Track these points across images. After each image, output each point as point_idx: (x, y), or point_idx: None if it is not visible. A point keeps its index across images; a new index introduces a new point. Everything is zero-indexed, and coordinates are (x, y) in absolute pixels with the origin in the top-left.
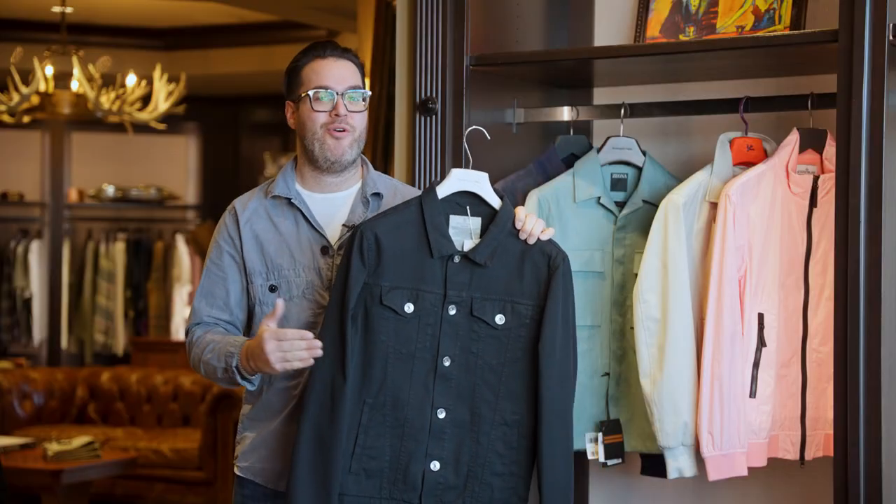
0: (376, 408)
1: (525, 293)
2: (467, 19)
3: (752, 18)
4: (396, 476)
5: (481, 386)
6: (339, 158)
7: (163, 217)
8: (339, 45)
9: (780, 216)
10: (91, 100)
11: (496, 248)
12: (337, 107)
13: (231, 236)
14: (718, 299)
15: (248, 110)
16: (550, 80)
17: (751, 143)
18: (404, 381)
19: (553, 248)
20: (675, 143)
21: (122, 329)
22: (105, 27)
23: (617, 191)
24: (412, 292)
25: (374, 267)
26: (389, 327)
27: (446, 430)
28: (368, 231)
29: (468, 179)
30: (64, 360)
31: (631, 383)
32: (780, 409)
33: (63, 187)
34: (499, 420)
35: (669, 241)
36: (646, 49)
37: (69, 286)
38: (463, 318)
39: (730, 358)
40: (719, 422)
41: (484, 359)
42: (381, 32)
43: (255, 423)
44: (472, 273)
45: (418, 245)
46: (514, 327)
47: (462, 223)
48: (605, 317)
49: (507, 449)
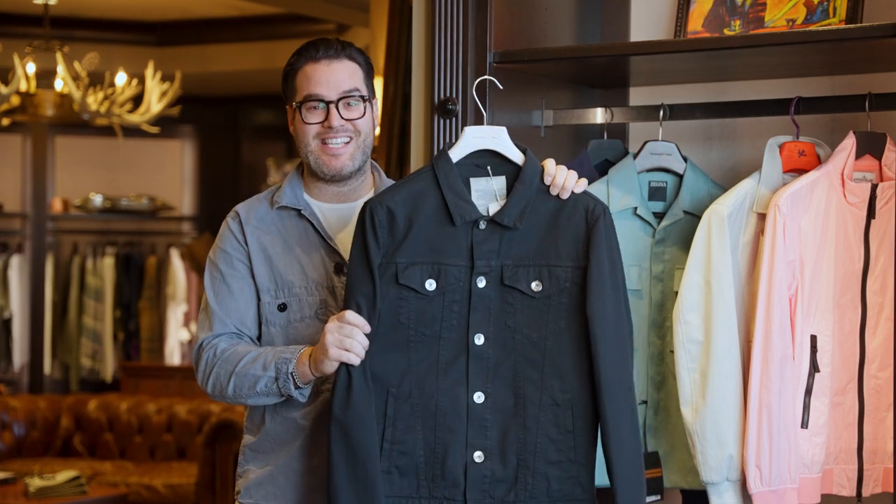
0: (401, 398)
1: (562, 255)
2: (491, 12)
3: (804, 11)
4: (434, 472)
5: (523, 364)
6: (337, 172)
7: (156, 230)
8: (337, 43)
9: (834, 228)
10: (77, 100)
11: (525, 208)
12: (330, 118)
13: (240, 243)
14: (767, 320)
15: (249, 112)
16: (582, 79)
17: (802, 147)
18: (431, 365)
19: (590, 199)
20: (718, 148)
21: (111, 353)
22: (92, 21)
23: (655, 200)
24: (433, 267)
25: (388, 245)
26: (410, 308)
27: (487, 416)
28: (378, 206)
29: (485, 136)
30: (47, 386)
31: (671, 412)
32: (835, 441)
33: (46, 197)
34: (547, 401)
35: (713, 255)
36: (687, 45)
37: (53, 305)
38: (494, 290)
39: (779, 384)
40: (768, 455)
41: (523, 333)
42: (396, 27)
43: (259, 456)
44: (501, 238)
45: (436, 215)
46: (553, 294)
47: (485, 185)
48: (643, 339)
49: (561, 433)
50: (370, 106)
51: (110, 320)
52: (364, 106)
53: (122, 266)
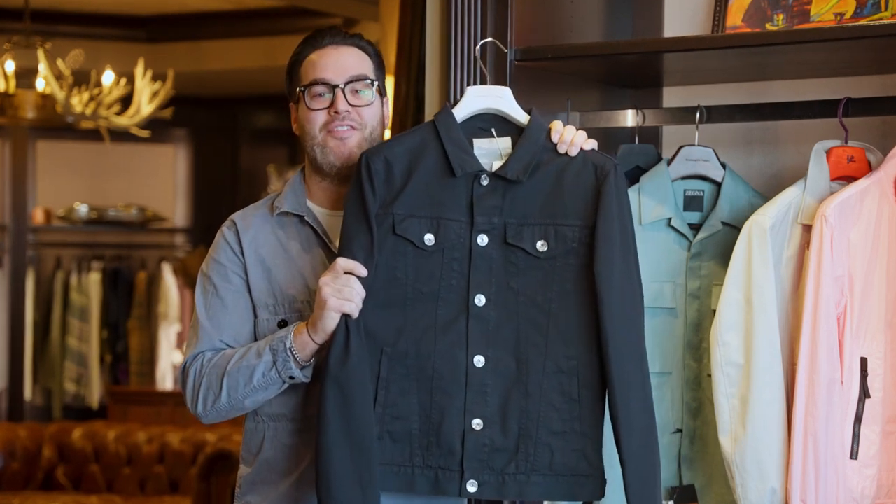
0: (396, 358)
1: (569, 212)
2: (511, 5)
3: (854, 4)
4: (429, 439)
5: (526, 327)
6: (345, 161)
7: (146, 242)
8: (343, 31)
9: (886, 241)
10: (60, 101)
11: (531, 163)
12: (336, 102)
13: (236, 255)
14: (813, 341)
15: (248, 114)
16: (611, 78)
17: (851, 153)
18: (428, 325)
19: (598, 156)
20: (760, 153)
21: (98, 377)
22: (77, 14)
23: (691, 211)
24: (432, 221)
25: (385, 196)
26: (407, 263)
27: (487, 381)
28: (375, 156)
29: (488, 95)
30: (28, 413)
31: (708, 442)
32: (887, 473)
33: (26, 207)
34: (552, 367)
35: (754, 271)
36: (726, 41)
37: (34, 325)
38: (496, 249)
39: (826, 411)
40: (814, 488)
41: (526, 294)
42: (409, 21)
43: (257, 487)
44: (505, 194)
45: (436, 167)
46: (559, 254)
47: (488, 146)
48: (677, 362)
49: (566, 401)
50: (380, 99)
51: (96, 341)
52: (373, 95)
53: (110, 282)
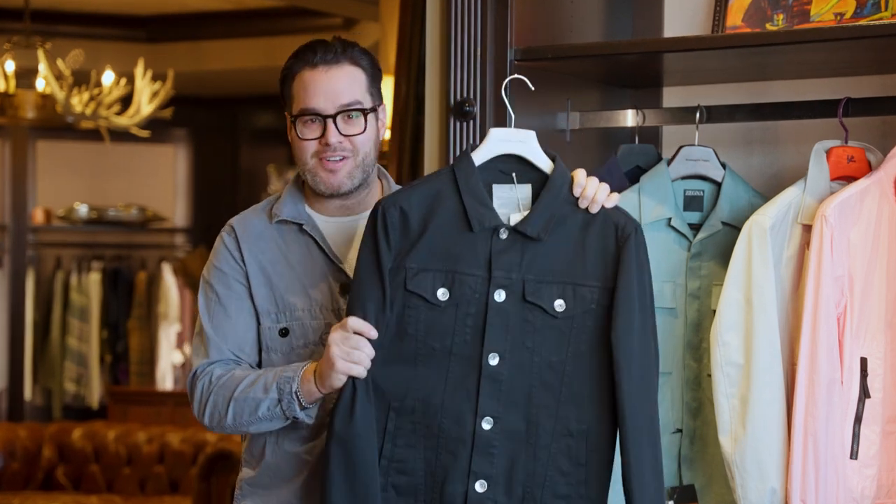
0: (403, 413)
1: (589, 273)
2: (511, 5)
3: (854, 4)
4: (432, 496)
5: (538, 389)
6: (335, 190)
7: (146, 242)
8: (338, 44)
9: (886, 241)
10: (60, 101)
11: (551, 219)
12: (327, 134)
13: (237, 262)
14: (813, 341)
15: (248, 114)
16: (611, 79)
17: (851, 153)
18: (437, 383)
19: (621, 215)
20: (760, 153)
21: (98, 377)
22: (77, 14)
23: (691, 211)
24: (446, 275)
25: (399, 248)
26: (419, 319)
27: (495, 443)
28: (391, 206)
29: (511, 140)
30: (28, 413)
31: (708, 442)
32: (887, 473)
33: (26, 207)
34: (561, 430)
35: (754, 271)
36: (726, 41)
37: (34, 325)
38: (514, 306)
39: (826, 411)
40: (814, 488)
41: (541, 355)
42: (409, 21)
43: (257, 491)
44: (524, 250)
45: (453, 219)
46: (577, 315)
47: (508, 193)
48: (677, 362)
49: (573, 466)
50: (374, 117)
51: (96, 341)
52: (365, 120)
53: (110, 282)
